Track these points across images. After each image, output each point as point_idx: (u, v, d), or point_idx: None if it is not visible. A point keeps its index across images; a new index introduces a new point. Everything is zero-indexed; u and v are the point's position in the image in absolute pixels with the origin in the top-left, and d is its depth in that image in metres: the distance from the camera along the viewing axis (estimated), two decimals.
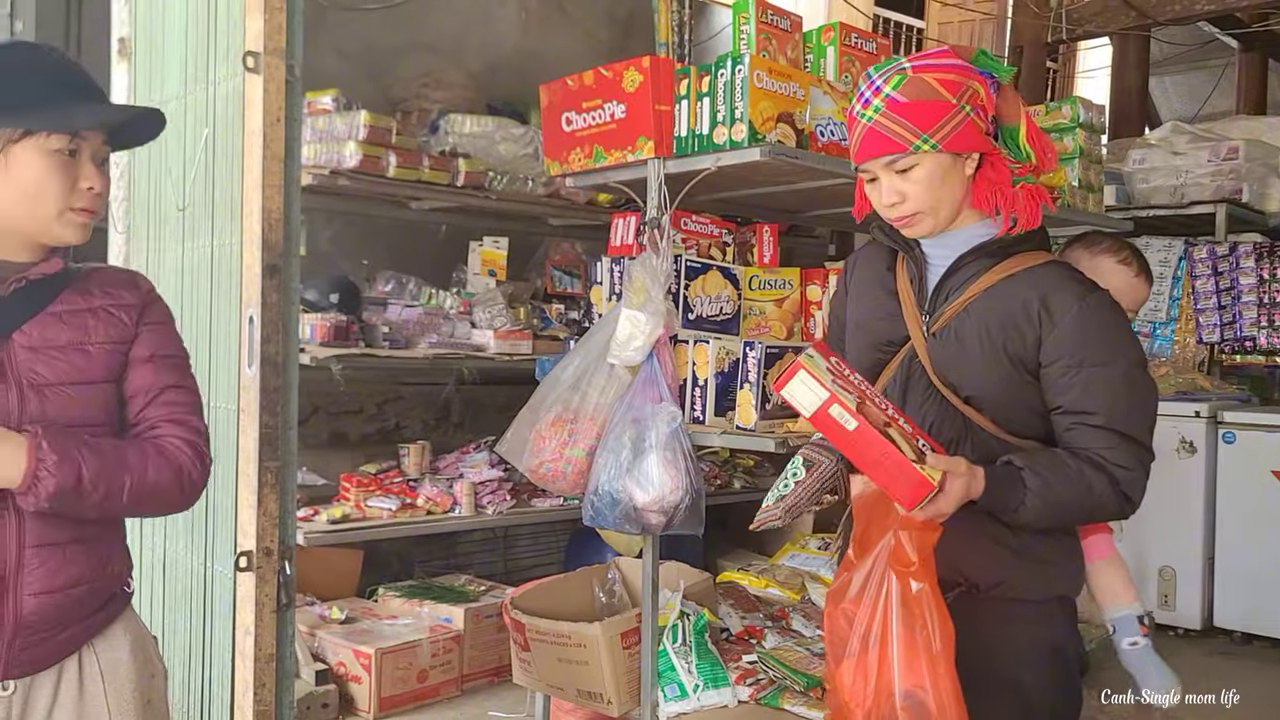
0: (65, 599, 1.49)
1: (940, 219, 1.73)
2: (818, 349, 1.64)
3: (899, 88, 1.66)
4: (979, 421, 1.71)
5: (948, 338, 1.73)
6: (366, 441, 4.53)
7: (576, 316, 4.49)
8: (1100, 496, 1.64)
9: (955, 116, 1.66)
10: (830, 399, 1.54)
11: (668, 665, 2.79)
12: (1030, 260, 1.74)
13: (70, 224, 1.49)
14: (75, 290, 1.55)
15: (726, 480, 4.81)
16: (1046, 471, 1.63)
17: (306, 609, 3.79)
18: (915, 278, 1.80)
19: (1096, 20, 7.00)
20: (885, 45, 2.93)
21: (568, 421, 2.56)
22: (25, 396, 1.45)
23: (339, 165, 3.77)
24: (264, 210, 2.00)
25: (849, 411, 1.53)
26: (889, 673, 1.58)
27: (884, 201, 1.73)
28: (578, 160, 2.76)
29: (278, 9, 2.00)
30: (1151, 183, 5.37)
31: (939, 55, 1.70)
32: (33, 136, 1.43)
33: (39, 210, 1.45)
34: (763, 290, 2.91)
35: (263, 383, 2.01)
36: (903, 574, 1.58)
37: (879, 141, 1.68)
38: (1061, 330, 1.66)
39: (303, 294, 3.07)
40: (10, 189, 1.44)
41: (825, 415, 1.54)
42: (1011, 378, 1.69)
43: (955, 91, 1.66)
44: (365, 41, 4.58)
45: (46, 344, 1.49)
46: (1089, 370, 1.65)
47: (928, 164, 1.67)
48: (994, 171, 1.72)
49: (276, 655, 2.04)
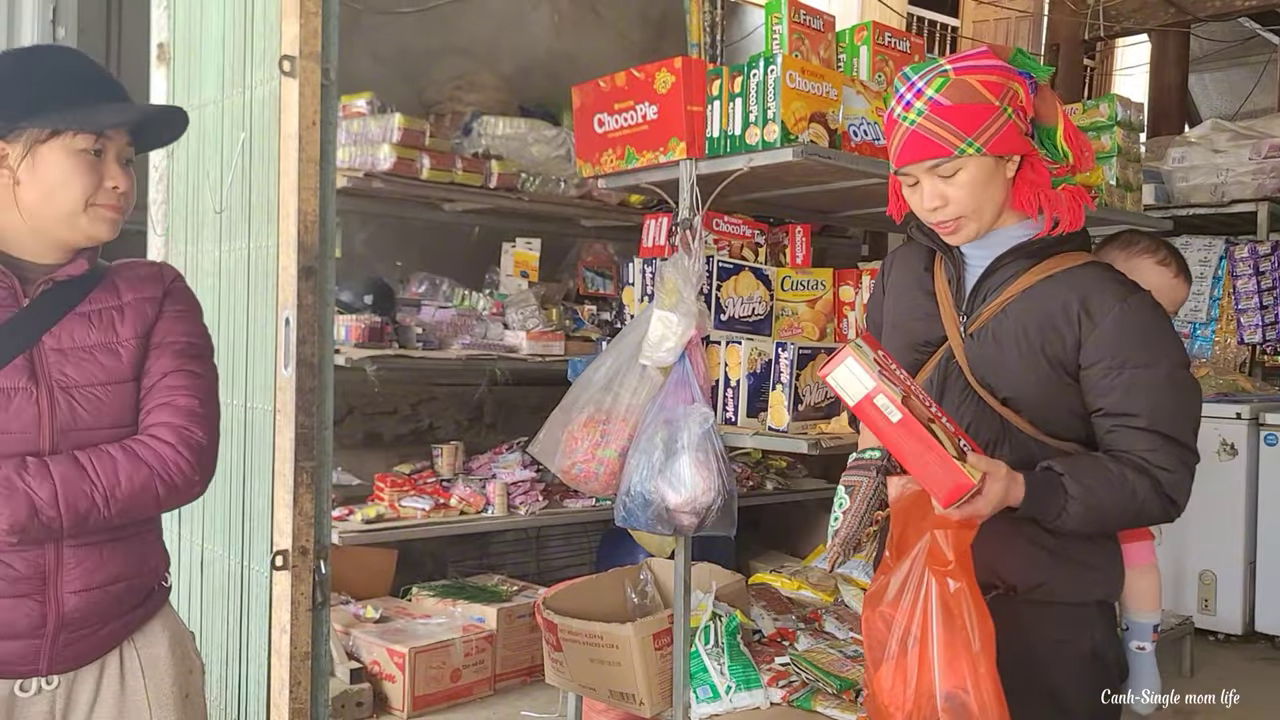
0: (104, 596, 1.51)
1: (983, 223, 1.72)
2: (866, 340, 1.62)
3: (942, 90, 1.64)
4: (1016, 423, 1.70)
5: (985, 338, 1.71)
6: (400, 442, 4.56)
7: (609, 317, 4.50)
8: (1144, 501, 1.62)
9: (998, 119, 1.64)
10: (876, 388, 1.53)
11: (700, 666, 2.78)
12: (1070, 261, 1.72)
13: (97, 220, 1.50)
14: (104, 288, 1.56)
15: (759, 481, 4.79)
16: (1088, 477, 1.61)
17: (341, 608, 3.82)
18: (953, 278, 1.78)
19: (1135, 17, 6.91)
20: (919, 44, 2.92)
21: (600, 422, 2.57)
22: (55, 399, 1.47)
23: (373, 168, 3.80)
24: (299, 213, 2.02)
25: (894, 403, 1.52)
26: (929, 674, 1.57)
27: (926, 206, 1.70)
28: (610, 161, 2.76)
29: (313, 13, 2.02)
30: (1191, 181, 5.30)
31: (979, 56, 1.68)
32: (59, 137, 1.45)
33: (65, 208, 1.47)
34: (795, 291, 2.90)
35: (298, 383, 2.03)
36: (940, 573, 1.57)
37: (922, 145, 1.65)
38: (1102, 332, 1.64)
39: (338, 296, 3.10)
40: (38, 188, 1.46)
41: (870, 405, 1.53)
42: (1050, 379, 1.67)
43: (998, 93, 1.65)
44: (399, 45, 4.62)
45: (75, 345, 1.51)
46: (1131, 372, 1.63)
47: (971, 167, 1.65)
48: (1034, 173, 1.71)
49: (312, 653, 2.05)
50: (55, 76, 1.49)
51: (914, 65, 1.72)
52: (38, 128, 1.44)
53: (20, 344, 1.47)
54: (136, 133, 1.56)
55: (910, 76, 1.69)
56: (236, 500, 2.35)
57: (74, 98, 1.48)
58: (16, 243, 1.50)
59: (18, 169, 1.45)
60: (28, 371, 1.46)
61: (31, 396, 1.45)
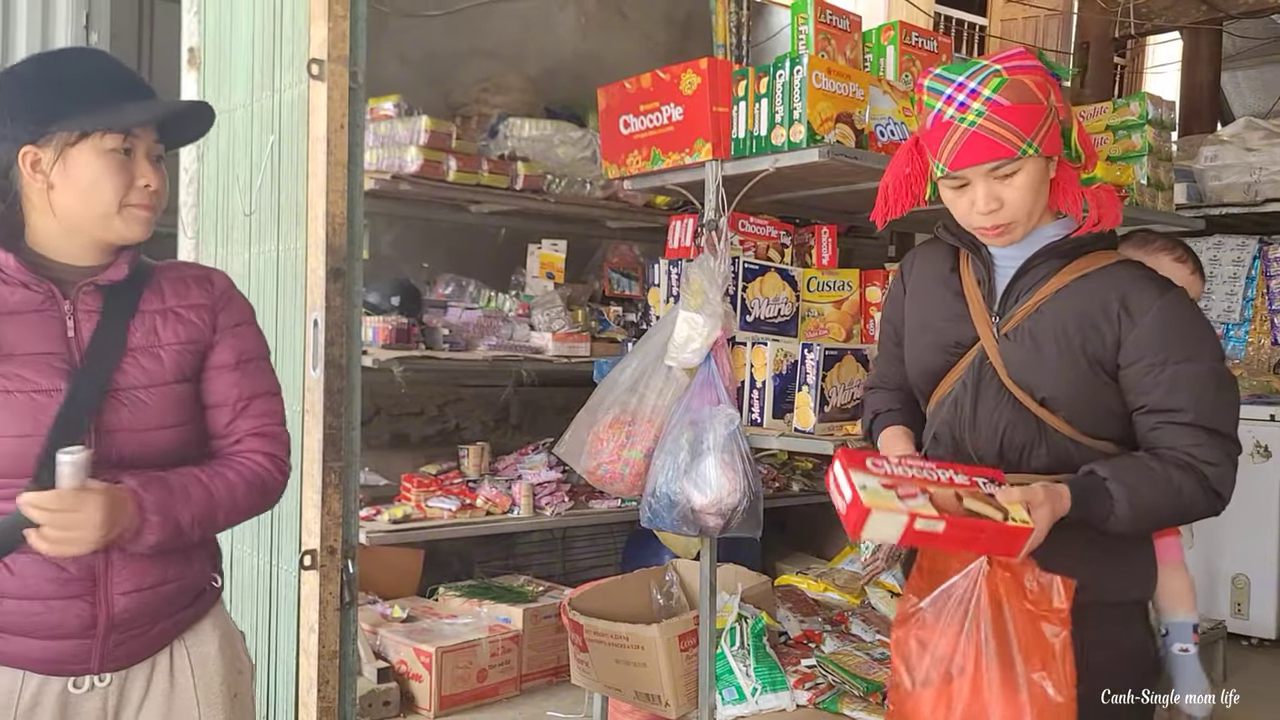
0: (153, 596, 1.53)
1: (1029, 226, 1.71)
2: (846, 457, 1.57)
3: (1000, 90, 1.61)
4: (1053, 423, 1.68)
5: (1021, 338, 1.70)
6: (427, 442, 4.58)
7: (634, 319, 4.50)
8: (1190, 497, 1.61)
9: (1048, 118, 1.64)
10: (910, 516, 1.48)
11: (725, 668, 2.78)
12: (1101, 260, 1.71)
13: (131, 220, 1.51)
14: (149, 290, 1.57)
15: (785, 483, 4.78)
16: (1132, 478, 1.61)
17: (368, 607, 3.85)
18: (983, 278, 1.77)
19: (1166, 14, 6.83)
20: (946, 44, 2.90)
21: (625, 423, 2.57)
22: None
23: (400, 170, 3.82)
24: (328, 215, 2.04)
25: (932, 516, 1.49)
26: (980, 705, 1.56)
27: (980, 209, 1.67)
28: (635, 163, 2.77)
29: (341, 17, 2.03)
30: (1224, 180, 5.23)
31: (1020, 56, 1.67)
32: (88, 138, 1.47)
33: (99, 209, 1.48)
34: (821, 292, 2.89)
35: (327, 384, 2.05)
36: (1034, 614, 1.55)
37: (985, 147, 1.62)
38: (1142, 329, 1.63)
39: (365, 297, 3.12)
40: (71, 191, 1.47)
41: (913, 533, 1.49)
42: (1089, 378, 1.66)
43: (1045, 93, 1.64)
44: (426, 48, 4.64)
45: (116, 346, 1.51)
46: (1174, 368, 1.62)
47: (1029, 168, 1.64)
48: (1065, 172, 1.70)
49: (339, 652, 2.07)
50: (81, 78, 1.50)
51: (947, 66, 1.69)
52: (67, 130, 1.46)
53: (107, 368, 1.50)
54: (164, 130, 1.56)
55: (954, 77, 1.66)
56: None
57: (100, 98, 1.49)
58: (52, 245, 1.51)
59: (50, 172, 1.46)
60: (67, 375, 1.47)
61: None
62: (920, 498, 1.50)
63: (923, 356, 1.83)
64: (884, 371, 2.00)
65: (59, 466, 1.36)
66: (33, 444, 1.43)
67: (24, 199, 1.49)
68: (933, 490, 1.53)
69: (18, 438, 1.43)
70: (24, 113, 1.46)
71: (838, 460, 1.56)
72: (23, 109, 1.46)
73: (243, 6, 2.57)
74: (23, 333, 1.46)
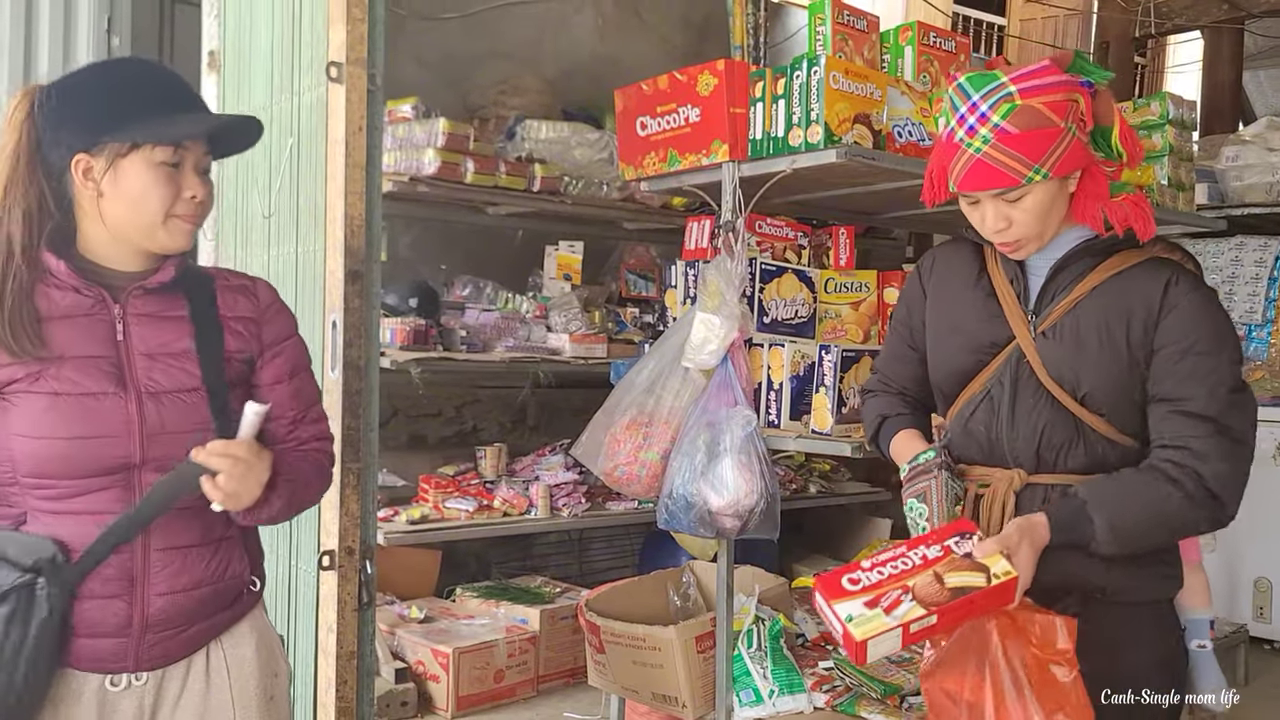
0: (188, 599, 1.55)
1: (1044, 240, 1.71)
2: (824, 587, 1.60)
3: (1009, 117, 1.60)
4: (1092, 422, 1.68)
5: (1060, 335, 1.70)
6: (444, 444, 4.59)
7: (651, 320, 4.50)
8: (1179, 510, 1.61)
9: (1064, 140, 1.61)
10: (903, 627, 1.53)
11: (743, 670, 2.77)
12: (1136, 257, 1.72)
13: (175, 231, 1.53)
14: (196, 297, 1.60)
15: (802, 485, 4.77)
16: (1112, 501, 1.62)
17: (386, 608, 3.86)
18: (1015, 277, 1.77)
19: (1187, 13, 6.78)
20: (965, 44, 2.88)
21: (642, 425, 2.57)
22: (144, 404, 1.50)
23: (418, 172, 3.83)
24: (346, 217, 2.05)
25: (922, 617, 1.53)
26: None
27: (989, 227, 1.69)
28: (652, 164, 2.77)
29: (360, 20, 2.04)
30: (1246, 180, 5.19)
31: (1042, 73, 1.63)
32: (139, 150, 1.48)
33: (146, 219, 1.50)
34: (839, 293, 2.88)
35: (345, 386, 2.05)
36: (1042, 659, 1.57)
37: (989, 174, 1.62)
38: (1174, 317, 1.64)
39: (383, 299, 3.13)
40: (120, 201, 1.49)
41: (911, 636, 1.54)
42: (1129, 372, 1.67)
43: (1063, 114, 1.61)
44: (444, 50, 4.65)
45: (163, 350, 1.54)
46: (1195, 358, 1.62)
47: (1038, 192, 1.63)
48: (1094, 183, 1.68)
49: (357, 653, 2.08)
50: (134, 89, 1.52)
51: (971, 76, 1.67)
52: (119, 141, 1.48)
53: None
54: (212, 141, 1.59)
55: (970, 94, 1.64)
56: None
57: (152, 110, 1.51)
58: (101, 252, 1.54)
59: (101, 181, 1.49)
60: (116, 378, 1.49)
61: (120, 402, 1.49)
62: (905, 601, 1.54)
63: (953, 358, 1.81)
64: (888, 374, 1.99)
65: (248, 416, 1.49)
66: (80, 446, 1.45)
67: (76, 206, 1.52)
68: (913, 583, 1.56)
69: (67, 440, 1.45)
70: (78, 121, 1.48)
71: (818, 594, 1.60)
72: (77, 117, 1.49)
73: (262, 10, 2.58)
74: (73, 336, 1.49)
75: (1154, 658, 1.72)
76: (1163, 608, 1.76)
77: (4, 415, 1.45)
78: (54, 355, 1.46)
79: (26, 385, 1.45)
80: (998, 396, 1.74)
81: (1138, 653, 1.70)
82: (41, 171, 1.49)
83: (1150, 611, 1.73)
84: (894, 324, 2.00)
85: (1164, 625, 1.76)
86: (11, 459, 1.46)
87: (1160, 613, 1.76)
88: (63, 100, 1.50)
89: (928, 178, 1.79)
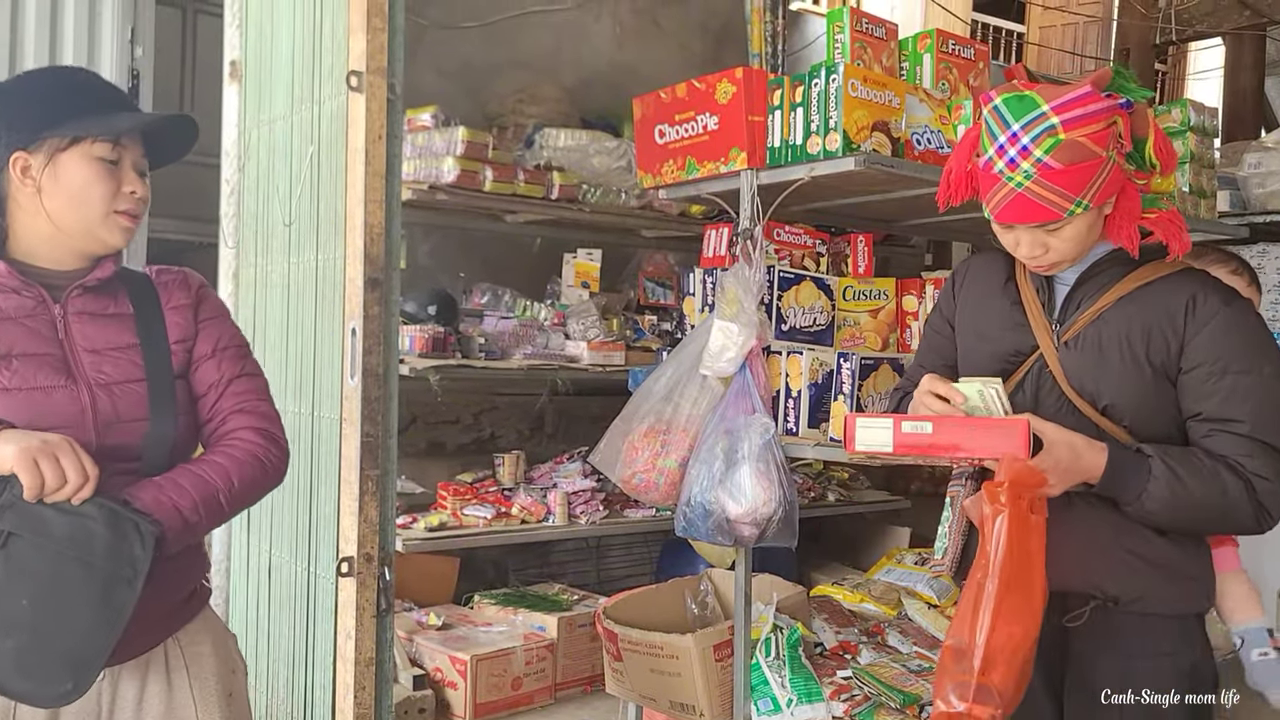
0: (151, 602, 1.53)
1: (1078, 258, 1.71)
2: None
3: (1053, 152, 1.56)
4: (1114, 433, 1.66)
5: (1082, 346, 1.69)
6: (463, 451, 4.60)
7: (669, 328, 4.50)
8: (1234, 501, 1.58)
9: (1105, 169, 1.59)
10: (897, 419, 1.57)
11: (761, 679, 2.76)
12: (1164, 268, 1.70)
13: (114, 227, 1.57)
14: (135, 292, 1.64)
15: (820, 493, 4.75)
16: (1178, 464, 1.58)
17: (405, 614, 3.87)
18: (1042, 286, 1.76)
19: (1208, 20, 6.74)
20: (984, 51, 2.88)
21: (660, 432, 2.57)
22: (96, 395, 1.53)
23: (437, 180, 3.85)
24: (366, 225, 2.06)
25: (919, 418, 1.57)
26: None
27: (1024, 254, 1.68)
28: (670, 172, 2.77)
29: (380, 29, 2.05)
30: (1268, 187, 5.14)
31: (1085, 100, 1.58)
32: (79, 144, 1.53)
33: (86, 214, 1.55)
34: (857, 301, 2.88)
35: (364, 393, 2.06)
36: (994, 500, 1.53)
37: (1031, 209, 1.60)
38: (1205, 335, 1.62)
39: (402, 306, 3.15)
40: (60, 195, 1.53)
41: (903, 436, 1.56)
42: (1151, 385, 1.65)
43: (1104, 143, 1.58)
44: (463, 59, 4.68)
45: (109, 345, 1.58)
46: (1233, 377, 1.60)
47: (1077, 222, 1.62)
48: (1129, 201, 1.66)
49: (376, 659, 2.08)
50: (71, 90, 1.57)
51: (1008, 100, 1.62)
52: (58, 136, 1.52)
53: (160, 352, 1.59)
54: (150, 146, 1.63)
55: (1010, 122, 1.60)
56: (304, 507, 2.40)
57: (90, 108, 1.56)
58: (36, 252, 1.57)
59: (40, 177, 1.53)
60: (64, 371, 1.53)
61: (72, 393, 1.52)
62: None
63: (979, 365, 1.81)
64: (918, 378, 1.98)
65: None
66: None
67: (11, 206, 1.55)
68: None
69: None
70: (14, 120, 1.52)
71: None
72: (13, 117, 1.53)
73: (283, 20, 2.60)
74: (17, 335, 1.52)
75: (1168, 672, 1.67)
76: (1190, 622, 1.71)
77: None
78: (2, 353, 1.49)
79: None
80: (1021, 405, 1.73)
81: (1147, 663, 1.66)
82: None
83: (1171, 625, 1.69)
84: (927, 329, 2.00)
85: (1192, 640, 1.70)
86: None
87: (1189, 627, 1.70)
88: (1, 102, 1.54)
89: (944, 178, 1.78)
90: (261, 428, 1.64)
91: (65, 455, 1.41)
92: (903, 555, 4.24)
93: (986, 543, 1.52)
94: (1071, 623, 1.68)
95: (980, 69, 2.84)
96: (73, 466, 1.41)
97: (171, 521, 1.49)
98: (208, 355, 1.66)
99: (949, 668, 1.52)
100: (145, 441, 1.55)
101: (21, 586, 1.39)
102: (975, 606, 1.51)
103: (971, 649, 1.50)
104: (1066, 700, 1.72)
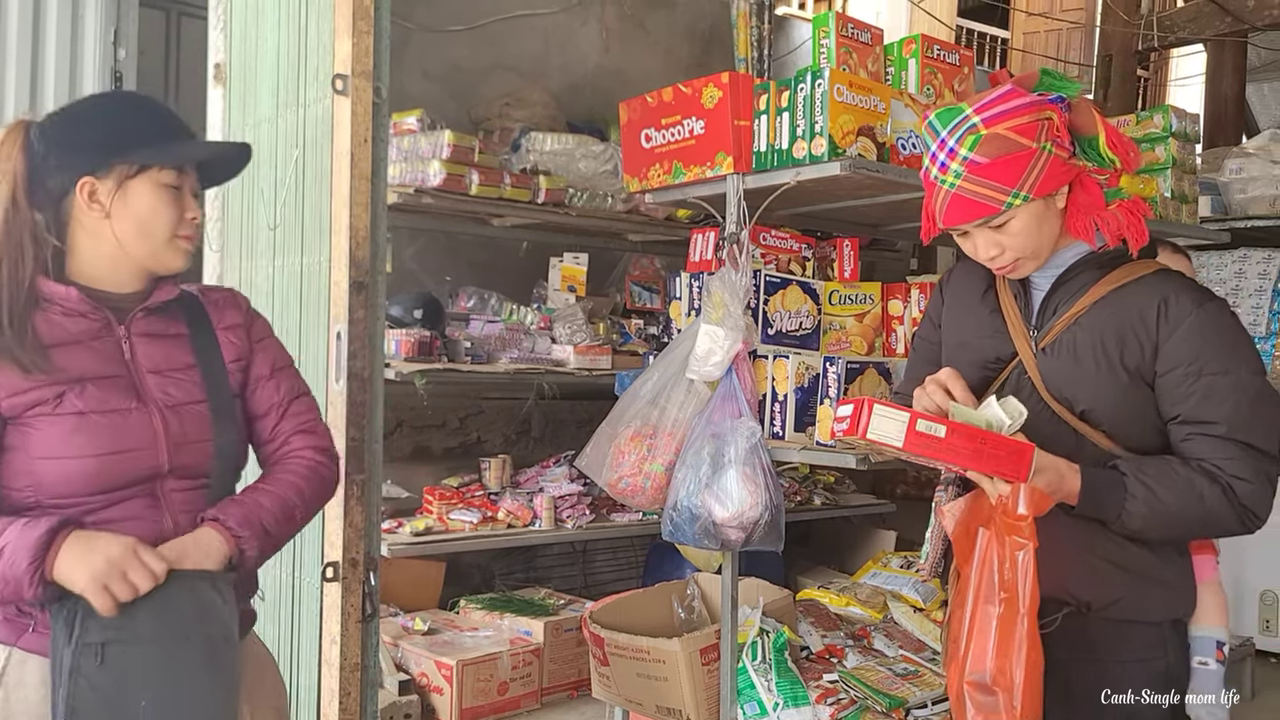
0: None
1: (1042, 258, 1.71)
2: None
3: (976, 148, 1.60)
4: (1093, 438, 1.67)
5: (1059, 352, 1.69)
6: (449, 455, 4.59)
7: (656, 332, 4.50)
8: (1212, 507, 1.58)
9: (1039, 160, 1.61)
10: (913, 415, 1.53)
11: (747, 683, 2.77)
12: (1139, 270, 1.70)
13: (177, 250, 1.60)
14: (192, 314, 1.66)
15: (807, 496, 4.76)
16: (1152, 478, 1.59)
17: (390, 619, 3.85)
18: (1019, 293, 1.77)
19: (1190, 26, 6.79)
20: (969, 57, 2.89)
21: (647, 436, 2.57)
22: (166, 416, 1.55)
23: (423, 184, 3.84)
24: (351, 228, 2.06)
25: (934, 419, 1.53)
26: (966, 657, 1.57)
27: (983, 256, 1.70)
28: (657, 176, 2.77)
29: (365, 32, 2.05)
30: (1249, 193, 5.19)
31: (1005, 98, 1.63)
32: (147, 171, 1.55)
33: (153, 239, 1.57)
34: (843, 305, 2.89)
35: (349, 397, 2.06)
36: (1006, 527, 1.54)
37: (967, 207, 1.63)
38: (1179, 337, 1.62)
39: (388, 310, 3.14)
40: (129, 221, 1.55)
41: (915, 434, 1.53)
42: (1128, 389, 1.65)
43: (1032, 135, 1.61)
44: (449, 62, 4.67)
45: (170, 366, 1.59)
46: (1209, 379, 1.60)
47: (1022, 215, 1.63)
48: (1086, 194, 1.68)
49: (361, 664, 2.08)
50: (137, 117, 1.59)
51: (940, 113, 1.67)
52: (127, 164, 1.54)
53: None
54: (202, 168, 1.66)
55: (939, 130, 1.65)
56: None
57: (156, 136, 1.58)
58: (98, 275, 1.57)
59: (109, 204, 1.53)
60: (133, 394, 1.54)
61: (144, 416, 1.53)
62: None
63: (962, 373, 1.81)
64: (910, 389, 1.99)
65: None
66: (113, 461, 1.49)
67: (76, 229, 1.55)
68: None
69: (98, 456, 1.48)
70: (84, 146, 1.54)
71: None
72: (82, 142, 1.54)
73: (268, 23, 2.59)
74: (87, 359, 1.53)
75: (1151, 678, 1.68)
76: (1166, 629, 1.71)
77: (25, 440, 1.47)
78: (73, 378, 1.50)
79: (50, 409, 1.48)
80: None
81: (1129, 669, 1.67)
82: (39, 198, 1.53)
83: (1153, 632, 1.70)
84: (918, 338, 2.00)
85: (1167, 646, 1.71)
86: (36, 482, 1.47)
87: (1164, 634, 1.71)
88: (67, 127, 1.55)
89: (924, 211, 1.80)
90: (323, 446, 1.71)
91: (133, 569, 1.41)
92: (889, 559, 4.25)
93: (1003, 572, 1.53)
94: (1044, 629, 1.68)
95: (965, 74, 2.86)
96: (142, 577, 1.42)
97: (260, 540, 1.55)
98: (266, 377, 1.69)
99: (980, 703, 1.53)
100: (213, 461, 1.58)
101: (133, 689, 1.40)
102: (1005, 642, 1.52)
103: (1009, 686, 1.51)
104: (1046, 708, 1.72)
